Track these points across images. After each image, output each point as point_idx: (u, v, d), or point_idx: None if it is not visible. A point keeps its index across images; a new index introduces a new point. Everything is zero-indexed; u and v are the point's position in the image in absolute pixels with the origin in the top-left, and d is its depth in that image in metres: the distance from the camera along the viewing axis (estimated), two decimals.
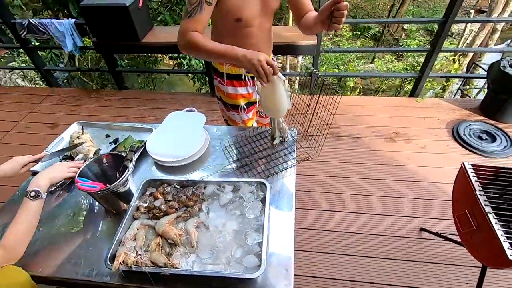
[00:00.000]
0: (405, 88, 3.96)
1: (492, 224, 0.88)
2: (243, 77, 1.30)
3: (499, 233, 0.86)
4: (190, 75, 4.04)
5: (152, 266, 0.84)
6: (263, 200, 1.00)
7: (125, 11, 2.21)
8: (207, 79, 4.26)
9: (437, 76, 2.78)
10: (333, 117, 1.03)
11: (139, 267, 0.84)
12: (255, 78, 1.13)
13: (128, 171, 1.00)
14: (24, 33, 2.59)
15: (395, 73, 2.80)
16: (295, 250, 0.93)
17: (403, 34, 11.48)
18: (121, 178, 0.97)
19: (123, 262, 0.85)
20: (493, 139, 2.20)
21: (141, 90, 3.03)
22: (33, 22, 2.53)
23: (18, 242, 0.86)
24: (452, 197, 1.13)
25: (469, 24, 5.86)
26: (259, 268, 0.82)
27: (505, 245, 0.83)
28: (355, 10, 12.84)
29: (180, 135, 1.29)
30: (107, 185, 0.98)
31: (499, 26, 4.43)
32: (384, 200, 1.86)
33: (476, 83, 4.73)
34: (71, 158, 1.28)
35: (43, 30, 2.54)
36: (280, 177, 1.17)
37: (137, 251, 0.89)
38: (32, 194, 0.91)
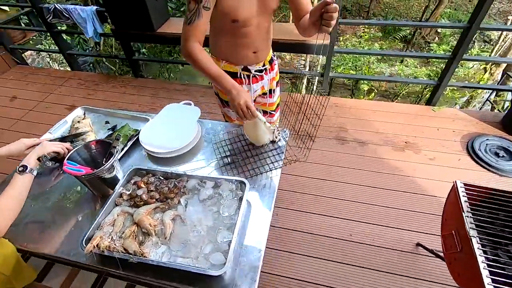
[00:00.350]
0: (426, 96, 3.75)
1: (474, 249, 0.83)
2: (238, 74, 1.30)
3: (480, 259, 0.81)
4: None
5: (122, 253, 0.87)
6: (241, 199, 1.00)
7: (141, 1, 2.26)
8: None
9: (457, 86, 2.63)
10: (320, 120, 1.01)
11: (110, 252, 0.87)
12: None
13: (114, 158, 1.03)
14: (50, 17, 2.72)
15: (411, 79, 2.67)
16: (279, 250, 0.93)
17: (436, 38, 10.91)
18: (105, 165, 1.00)
19: (97, 245, 0.89)
20: (511, 156, 2.06)
21: (156, 79, 3.10)
22: (58, 7, 2.64)
23: (4, 216, 0.91)
24: (442, 215, 1.08)
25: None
26: (224, 266, 0.83)
27: (484, 272, 0.78)
28: (386, 9, 12.34)
29: (173, 127, 1.31)
30: (94, 170, 1.02)
31: None
32: (383, 210, 1.81)
33: (508, 95, 4.42)
34: (71, 142, 1.34)
35: (67, 15, 2.66)
36: (264, 177, 1.16)
37: (112, 237, 0.93)
38: (20, 168, 0.96)
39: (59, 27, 3.09)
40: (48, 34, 3.03)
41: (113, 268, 0.89)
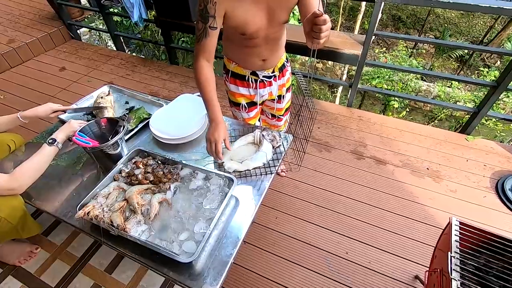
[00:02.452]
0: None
1: None
2: (246, 78, 1.31)
3: None
4: None
5: (107, 224, 0.95)
6: (226, 195, 1.03)
7: None
8: None
9: (498, 117, 2.40)
10: (309, 132, 1.00)
11: (97, 221, 0.95)
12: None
13: (118, 135, 1.11)
14: None
15: (446, 103, 2.47)
16: (270, 253, 0.95)
17: (498, 62, 9.95)
18: (110, 141, 1.09)
19: (88, 213, 0.97)
20: None
21: (189, 68, 3.22)
22: None
23: (26, 176, 1.05)
24: (433, 251, 1.01)
25: None
26: (192, 255, 0.86)
27: None
28: (445, 25, 11.48)
29: (181, 117, 1.37)
30: (99, 144, 1.11)
31: None
32: (388, 235, 1.72)
33: None
34: (92, 115, 1.47)
35: None
36: (257, 177, 1.17)
37: (103, 208, 1.00)
38: (50, 141, 1.10)
39: (110, 9, 3.33)
40: (101, 14, 3.28)
41: (99, 236, 0.97)
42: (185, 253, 0.90)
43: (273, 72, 1.33)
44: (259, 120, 1.57)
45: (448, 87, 5.24)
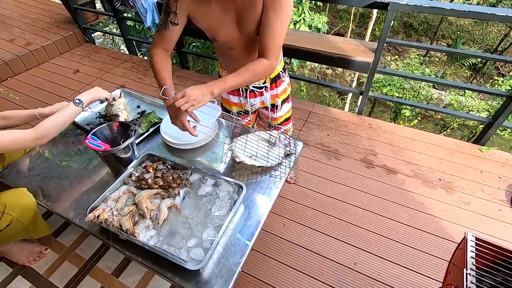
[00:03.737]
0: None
1: None
2: None
3: None
4: None
5: (116, 228, 0.95)
6: (235, 203, 1.02)
7: None
8: None
9: None
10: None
11: (107, 225, 0.95)
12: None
13: (130, 140, 1.12)
14: (118, 4, 3.01)
15: (459, 112, 2.41)
16: (277, 261, 0.94)
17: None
18: (121, 145, 1.09)
19: (97, 216, 0.98)
20: None
21: (199, 73, 3.25)
22: None
23: (49, 128, 1.08)
24: (447, 266, 0.98)
25: None
26: (200, 262, 0.86)
27: None
28: (458, 33, 11.33)
29: (192, 122, 1.37)
30: (111, 148, 1.12)
31: None
32: (398, 246, 1.68)
33: None
34: (105, 118, 1.48)
35: (132, 4, 2.92)
36: (266, 184, 1.16)
37: (113, 211, 1.01)
38: (77, 101, 1.17)
39: (124, 14, 3.40)
40: (115, 18, 3.35)
41: (107, 239, 0.97)
42: (193, 260, 0.89)
43: (264, 83, 1.29)
44: (252, 126, 1.56)
45: (461, 95, 5.13)
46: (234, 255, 0.95)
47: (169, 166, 1.16)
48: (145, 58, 4.84)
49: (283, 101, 1.41)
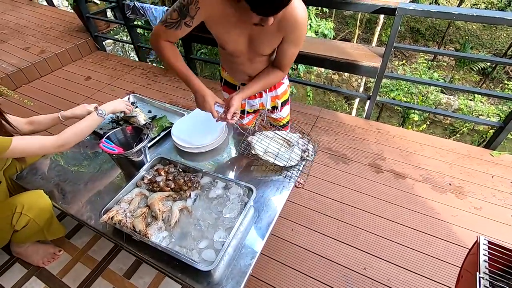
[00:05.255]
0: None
1: None
2: (237, 87, 1.34)
3: None
4: None
5: (130, 229, 0.97)
6: (245, 205, 1.03)
7: None
8: None
9: None
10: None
11: (120, 226, 0.98)
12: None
13: (142, 143, 1.15)
14: (129, 13, 3.09)
15: (468, 117, 2.38)
16: (285, 265, 0.95)
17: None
18: (134, 149, 1.12)
19: (111, 218, 1.00)
20: None
21: (207, 79, 3.30)
22: (136, 5, 2.99)
23: (71, 136, 1.11)
24: (459, 272, 0.97)
25: None
26: (212, 263, 0.87)
27: None
28: (466, 37, 11.24)
29: (202, 126, 1.40)
30: (124, 151, 1.15)
31: None
32: (408, 252, 1.66)
33: None
34: (117, 121, 1.52)
35: (142, 12, 3.00)
36: (275, 188, 1.18)
37: (126, 213, 1.03)
38: (100, 112, 1.20)
39: (135, 22, 3.49)
40: (126, 26, 3.43)
41: (120, 241, 1.00)
42: (204, 261, 0.91)
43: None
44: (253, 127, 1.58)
45: (470, 100, 5.08)
46: (245, 257, 0.96)
47: (180, 169, 1.19)
48: (154, 64, 4.92)
49: (283, 103, 1.45)
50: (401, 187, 2.05)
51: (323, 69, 7.77)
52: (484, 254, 0.86)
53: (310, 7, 5.03)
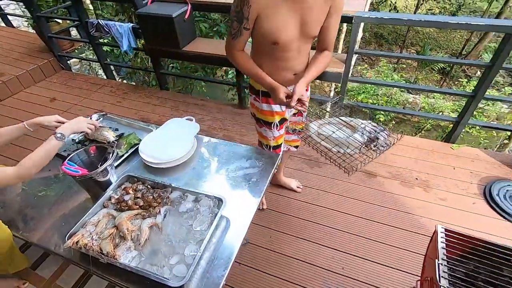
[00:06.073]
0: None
1: None
2: None
3: None
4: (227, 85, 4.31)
5: (97, 252, 0.94)
6: (216, 216, 1.03)
7: (170, 21, 2.46)
8: (246, 91, 4.45)
9: (478, 125, 2.49)
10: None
11: (86, 250, 0.94)
12: None
13: (107, 163, 1.13)
14: (93, 31, 3.04)
15: (429, 114, 2.56)
16: (264, 272, 0.95)
17: (478, 72, 10.37)
18: (98, 169, 1.10)
19: (76, 242, 0.96)
20: None
21: (179, 93, 3.29)
22: (100, 23, 2.95)
23: (32, 164, 1.05)
24: (423, 260, 1.02)
25: None
26: (183, 279, 0.86)
27: None
28: (425, 40, 12.03)
29: (170, 141, 1.40)
30: (88, 172, 1.12)
31: None
32: (382, 247, 1.72)
33: None
34: (82, 142, 1.48)
35: (107, 30, 2.95)
36: (246, 195, 1.19)
37: (92, 236, 1.00)
38: (58, 135, 1.13)
39: (101, 40, 3.43)
40: (91, 44, 3.36)
41: (85, 264, 0.96)
42: (175, 277, 0.89)
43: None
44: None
45: (431, 98, 5.44)
46: (218, 269, 0.96)
47: (149, 186, 1.17)
48: (125, 81, 4.85)
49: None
50: (372, 185, 2.13)
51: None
52: (441, 242, 0.91)
53: None
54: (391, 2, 10.51)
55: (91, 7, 5.22)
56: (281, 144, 1.55)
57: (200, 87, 5.42)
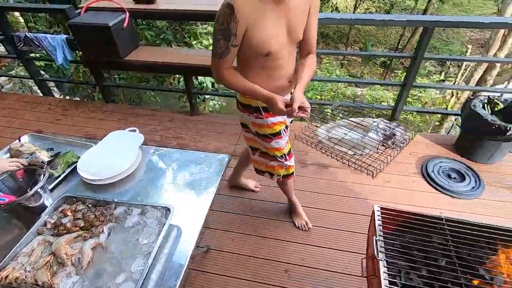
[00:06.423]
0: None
1: (380, 273, 0.85)
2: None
3: (384, 282, 0.83)
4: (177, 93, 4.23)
5: (31, 284, 0.86)
6: (164, 226, 1.01)
7: (107, 30, 2.34)
8: (198, 98, 4.39)
9: (411, 110, 2.75)
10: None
11: (18, 284, 0.86)
12: None
13: (38, 186, 1.04)
14: (21, 45, 2.78)
15: (370, 104, 2.79)
16: (227, 276, 0.93)
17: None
18: (28, 193, 1.01)
19: (5, 277, 0.87)
20: (463, 178, 2.13)
21: (127, 104, 3.15)
22: (29, 36, 2.71)
23: None
24: (367, 240, 1.10)
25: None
26: None
27: None
28: (366, 37, 13.00)
29: (113, 154, 1.33)
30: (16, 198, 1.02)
31: (498, 63, 4.37)
32: (339, 234, 1.81)
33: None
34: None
35: (37, 43, 2.72)
36: (197, 202, 1.17)
37: (25, 267, 0.91)
38: None
39: (32, 54, 3.15)
40: (20, 60, 3.07)
41: None
42: None
43: (291, 93, 1.35)
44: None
45: (374, 90, 5.93)
46: (170, 279, 0.93)
47: (90, 205, 1.10)
48: (67, 97, 4.50)
49: None
50: (326, 176, 2.23)
51: None
52: (378, 219, 0.99)
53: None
54: (333, 3, 11.18)
55: (21, 19, 4.77)
56: (290, 148, 1.53)
57: (153, 97, 5.23)
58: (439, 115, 4.06)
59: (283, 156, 1.46)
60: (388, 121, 1.23)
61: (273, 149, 1.43)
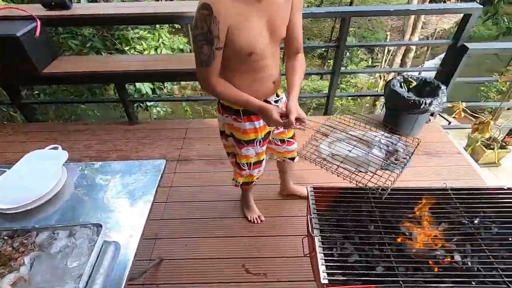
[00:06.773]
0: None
1: (316, 247, 0.91)
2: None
3: (319, 256, 0.89)
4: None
5: None
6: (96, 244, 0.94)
7: (16, 41, 2.09)
8: (140, 106, 4.18)
9: (343, 96, 2.98)
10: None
11: None
12: None
13: None
14: None
15: (308, 94, 2.97)
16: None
17: (347, 53, 12.39)
18: None
19: None
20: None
21: (54, 122, 2.86)
22: None
23: None
24: (306, 221, 1.17)
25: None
26: None
27: (321, 268, 0.86)
28: (303, 31, 13.62)
29: (31, 177, 1.20)
30: None
31: (414, 47, 4.94)
32: (291, 220, 1.88)
33: None
34: None
35: None
36: (131, 213, 1.12)
37: None
38: None
39: None
40: None
41: None
42: None
43: (278, 96, 1.32)
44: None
45: (311, 81, 6.30)
46: None
47: (5, 237, 0.98)
48: None
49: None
50: (272, 167, 2.29)
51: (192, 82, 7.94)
52: (311, 199, 1.05)
53: (158, 26, 5.04)
54: None
55: None
56: (263, 159, 1.50)
57: (90, 111, 4.82)
58: (369, 98, 4.48)
59: (248, 164, 1.46)
60: (388, 135, 1.25)
61: (241, 156, 1.43)
